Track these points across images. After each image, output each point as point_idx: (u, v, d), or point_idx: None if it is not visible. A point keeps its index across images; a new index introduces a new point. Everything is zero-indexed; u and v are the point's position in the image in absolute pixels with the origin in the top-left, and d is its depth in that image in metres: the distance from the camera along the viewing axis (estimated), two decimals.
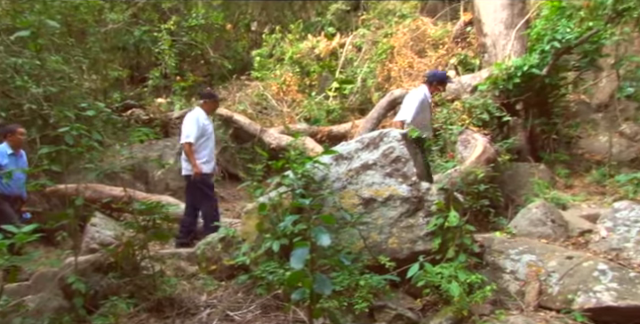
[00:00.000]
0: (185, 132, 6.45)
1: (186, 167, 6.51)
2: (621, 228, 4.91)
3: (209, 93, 7.01)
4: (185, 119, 6.66)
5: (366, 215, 4.72)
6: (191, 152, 6.34)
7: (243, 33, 13.55)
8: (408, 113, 6.26)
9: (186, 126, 6.48)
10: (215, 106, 7.06)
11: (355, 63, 10.58)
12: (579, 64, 8.42)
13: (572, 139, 9.09)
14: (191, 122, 6.46)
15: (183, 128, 6.53)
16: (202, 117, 6.54)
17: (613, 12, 7.55)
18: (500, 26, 8.87)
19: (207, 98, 6.78)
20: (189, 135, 6.38)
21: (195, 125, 6.41)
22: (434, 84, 6.51)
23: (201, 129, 6.45)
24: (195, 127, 6.40)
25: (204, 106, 6.71)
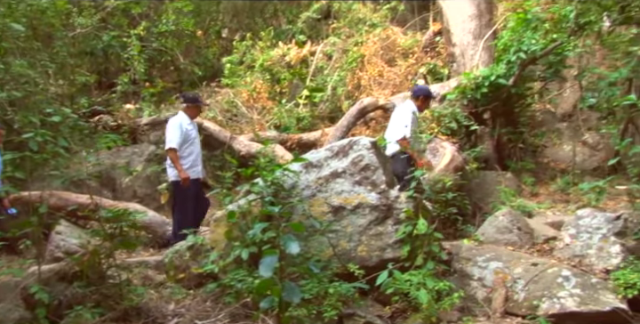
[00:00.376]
0: (168, 138, 6.33)
1: (171, 173, 6.41)
2: (584, 235, 5.03)
3: (192, 97, 6.82)
4: (168, 125, 6.53)
5: (335, 223, 4.74)
6: (176, 158, 6.21)
7: (213, 40, 13.48)
8: (406, 129, 6.25)
9: (169, 132, 6.35)
10: (199, 110, 6.93)
11: (325, 71, 10.60)
12: (544, 75, 8.62)
13: (538, 148, 9.28)
14: (174, 127, 6.33)
15: (166, 134, 6.41)
16: (185, 122, 6.41)
17: (576, 25, 7.76)
18: (469, 36, 9.03)
19: (190, 102, 6.63)
20: (172, 141, 6.26)
21: (178, 131, 6.29)
22: (420, 98, 6.57)
23: (184, 134, 6.34)
24: (178, 133, 6.28)
25: (187, 110, 6.56)
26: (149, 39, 11.59)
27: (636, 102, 6.15)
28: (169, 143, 6.28)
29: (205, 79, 11.81)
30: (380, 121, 8.58)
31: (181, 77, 12.58)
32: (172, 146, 6.24)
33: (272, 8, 13.40)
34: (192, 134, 6.48)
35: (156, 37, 11.72)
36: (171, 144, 6.25)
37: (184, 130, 6.34)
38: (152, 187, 8.62)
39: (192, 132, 6.49)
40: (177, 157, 6.22)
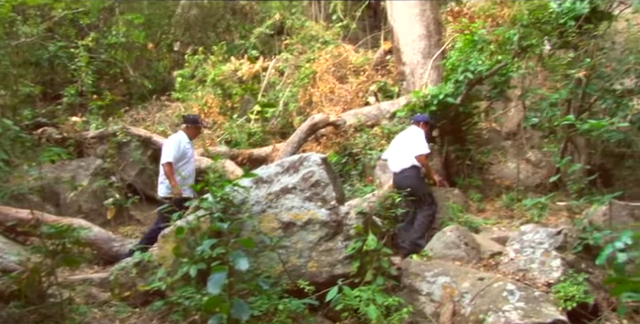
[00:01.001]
0: (165, 152, 6.47)
1: (162, 190, 6.49)
2: (528, 249, 5.17)
3: (193, 119, 7.00)
4: (166, 141, 6.79)
5: (285, 239, 4.72)
6: (172, 172, 6.32)
7: (164, 53, 13.31)
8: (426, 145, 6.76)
9: (167, 147, 6.52)
10: (198, 131, 7.10)
11: (277, 87, 10.63)
12: (490, 94, 8.87)
13: (485, 165, 9.51)
14: (172, 143, 6.52)
15: (164, 149, 6.56)
16: (184, 141, 6.59)
17: (519, 47, 8.06)
18: (418, 55, 9.24)
19: (190, 123, 6.83)
20: (169, 155, 6.38)
21: (175, 147, 6.45)
22: (421, 124, 7.03)
23: (181, 152, 6.48)
24: (175, 149, 6.43)
25: (187, 131, 6.75)
26: (98, 51, 11.35)
27: (574, 122, 6.42)
28: (166, 158, 6.41)
29: (155, 93, 11.63)
30: (330, 137, 8.65)
31: (131, 90, 12.35)
32: (168, 160, 6.37)
33: (225, 23, 13.36)
34: (189, 153, 6.63)
35: (105, 49, 11.49)
36: (168, 158, 6.38)
37: (182, 148, 6.50)
38: (98, 202, 8.41)
39: (189, 151, 6.64)
40: (172, 171, 6.33)
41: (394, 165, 6.95)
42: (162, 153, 6.60)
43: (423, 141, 6.77)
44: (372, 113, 8.83)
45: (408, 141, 6.91)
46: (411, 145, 6.80)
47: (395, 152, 7.04)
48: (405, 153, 6.81)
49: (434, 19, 9.43)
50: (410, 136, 6.95)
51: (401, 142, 7.03)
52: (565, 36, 8.10)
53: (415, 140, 6.81)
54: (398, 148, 7.01)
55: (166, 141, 6.77)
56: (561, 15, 7.78)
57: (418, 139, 6.80)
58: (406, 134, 7.09)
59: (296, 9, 12.73)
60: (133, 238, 7.52)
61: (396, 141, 7.17)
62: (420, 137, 6.81)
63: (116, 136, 9.06)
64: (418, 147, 6.72)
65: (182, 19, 13.53)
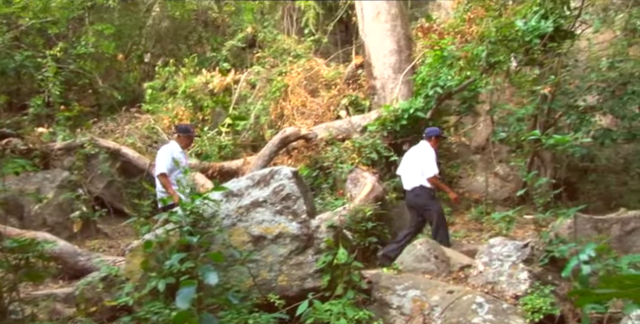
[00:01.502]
0: (159, 163, 6.56)
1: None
2: (496, 262, 5.23)
3: (184, 128, 7.06)
4: (159, 152, 6.83)
5: (256, 253, 4.68)
6: (168, 183, 6.35)
7: (135, 64, 13.17)
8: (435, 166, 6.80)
9: (159, 158, 6.61)
10: (190, 141, 7.17)
11: (248, 100, 10.61)
12: (459, 109, 9.04)
13: (454, 178, 9.65)
14: (164, 154, 6.58)
15: (157, 161, 6.65)
16: (176, 151, 6.62)
17: (487, 63, 8.24)
18: (389, 70, 9.36)
19: (182, 132, 6.89)
20: (162, 167, 6.45)
21: (168, 157, 6.46)
22: (432, 138, 7.03)
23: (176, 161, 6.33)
24: (168, 159, 6.44)
25: (179, 140, 6.83)
26: (66, 61, 11.18)
27: (540, 137, 6.57)
28: (159, 169, 6.48)
29: (125, 104, 11.49)
30: (302, 151, 8.66)
31: (100, 101, 12.18)
32: (162, 171, 6.44)
33: (197, 35, 13.32)
34: (183, 163, 6.54)
35: (73, 59, 11.32)
36: (161, 170, 6.45)
37: (176, 157, 6.45)
38: (64, 215, 8.23)
39: (183, 160, 6.60)
40: (168, 181, 6.36)
41: (405, 182, 7.02)
42: (156, 164, 6.66)
43: (432, 161, 6.81)
44: (344, 127, 8.88)
45: (418, 159, 6.93)
46: (420, 164, 6.84)
47: (406, 169, 7.07)
48: (415, 172, 6.86)
49: (404, 34, 9.59)
50: (420, 154, 6.97)
51: (411, 159, 7.06)
52: (531, 54, 8.31)
53: (425, 159, 6.83)
54: (409, 165, 7.04)
55: (159, 152, 6.81)
56: (527, 33, 7.98)
57: (427, 158, 6.82)
58: (417, 151, 7.09)
59: (268, 22, 12.77)
60: (100, 251, 7.38)
61: (407, 157, 7.20)
62: (430, 156, 6.83)
63: (84, 148, 8.90)
64: (427, 168, 6.76)
65: (153, 30, 13.44)
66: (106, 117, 11.22)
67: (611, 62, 8.41)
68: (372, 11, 9.59)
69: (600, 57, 8.92)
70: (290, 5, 13.50)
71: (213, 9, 12.55)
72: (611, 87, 8.49)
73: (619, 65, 8.36)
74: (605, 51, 9.19)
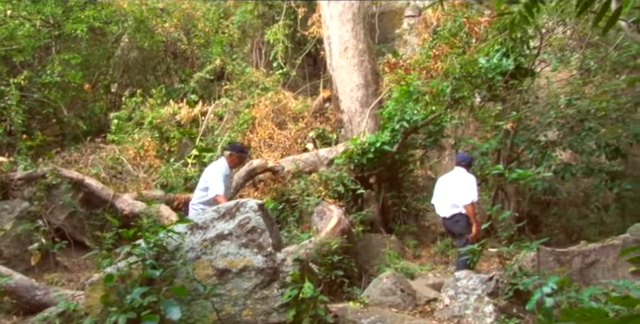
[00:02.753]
0: (213, 184, 6.40)
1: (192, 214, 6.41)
2: (462, 296, 5.26)
3: (239, 147, 6.90)
4: (209, 171, 6.66)
5: (220, 287, 4.59)
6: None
7: (101, 94, 13.03)
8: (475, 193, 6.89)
9: (213, 179, 6.44)
10: (240, 161, 7.03)
11: (216, 132, 10.57)
12: (424, 143, 9.18)
13: (420, 211, 9.72)
14: (218, 174, 6.44)
15: (210, 180, 6.46)
16: (225, 170, 6.54)
17: (452, 99, 8.45)
18: (356, 104, 9.50)
19: (235, 151, 6.71)
20: (219, 188, 6.35)
21: (221, 177, 6.41)
22: (463, 164, 7.18)
23: (226, 183, 6.50)
24: (221, 178, 6.40)
25: (229, 158, 6.67)
26: (31, 89, 11.01)
27: (503, 172, 6.71)
28: (216, 190, 6.35)
29: (90, 134, 11.31)
30: (268, 183, 8.63)
31: (64, 131, 11.97)
32: (218, 193, 6.33)
33: (165, 66, 13.31)
34: (226, 183, 6.58)
35: (38, 88, 11.16)
36: (218, 191, 6.34)
37: (226, 177, 6.51)
38: (22, 247, 7.95)
39: (227, 181, 6.60)
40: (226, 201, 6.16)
41: (442, 210, 7.08)
42: (204, 183, 6.51)
43: (475, 187, 6.90)
44: (310, 159, 8.91)
45: (457, 185, 6.99)
46: (460, 191, 6.90)
47: (443, 197, 7.12)
48: (454, 199, 6.92)
49: (371, 69, 9.79)
50: (459, 180, 7.02)
51: (449, 186, 7.10)
52: (494, 90, 8.56)
53: (466, 185, 6.91)
54: (447, 192, 7.09)
55: (209, 171, 6.61)
56: (489, 70, 8.23)
57: (469, 185, 6.91)
58: (454, 178, 7.14)
59: (237, 55, 12.87)
60: (59, 285, 7.13)
61: (443, 185, 7.25)
62: (472, 182, 6.93)
63: (46, 178, 8.69)
64: (468, 195, 6.83)
65: (121, 60, 13.38)
66: (70, 147, 11.02)
67: (568, 100, 8.72)
68: (340, 46, 9.79)
69: (558, 94, 9.25)
70: (259, 39, 13.68)
71: (183, 41, 12.60)
72: (569, 123, 8.78)
73: (576, 102, 8.67)
74: (563, 89, 9.54)
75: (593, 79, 9.41)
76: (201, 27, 12.71)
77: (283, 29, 12.61)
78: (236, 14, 13.68)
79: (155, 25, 12.17)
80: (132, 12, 11.87)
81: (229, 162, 6.69)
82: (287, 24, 12.82)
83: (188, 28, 12.85)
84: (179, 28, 12.57)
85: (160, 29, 12.17)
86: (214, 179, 6.45)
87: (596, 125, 8.45)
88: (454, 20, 9.81)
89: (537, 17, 3.75)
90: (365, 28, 10.24)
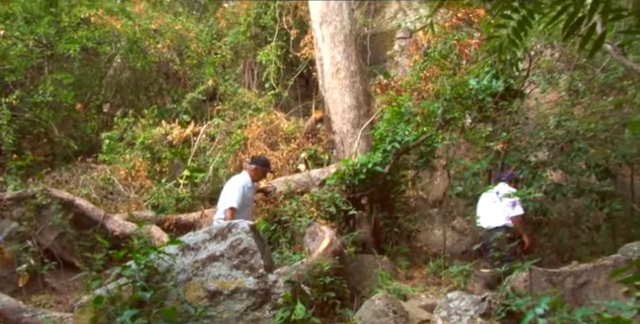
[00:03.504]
0: (229, 197, 6.43)
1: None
2: (454, 317, 5.22)
3: (264, 161, 6.98)
4: (229, 184, 6.76)
5: (211, 309, 4.56)
6: (232, 218, 6.25)
7: (93, 114, 13.01)
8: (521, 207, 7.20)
9: (230, 191, 6.48)
10: (264, 175, 7.05)
11: (207, 152, 10.56)
12: (416, 164, 9.20)
13: (412, 232, 9.70)
14: (235, 188, 6.52)
15: (226, 193, 6.50)
16: (247, 184, 6.57)
17: (443, 120, 8.51)
18: (348, 125, 9.55)
19: (259, 164, 6.80)
20: (233, 201, 6.37)
21: (238, 192, 6.44)
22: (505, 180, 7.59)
23: (243, 196, 6.44)
24: (238, 193, 6.42)
25: (252, 172, 6.76)
26: (22, 109, 10.99)
27: None
28: (230, 202, 6.38)
29: (81, 154, 11.26)
30: (260, 204, 8.60)
31: (55, 151, 11.93)
32: (232, 205, 6.37)
33: (157, 86, 13.35)
34: (249, 196, 6.62)
35: (30, 107, 11.14)
36: (232, 204, 6.38)
37: (244, 191, 6.49)
38: (10, 268, 7.85)
39: (249, 194, 6.63)
40: (234, 218, 6.23)
41: (486, 220, 7.33)
42: (224, 196, 6.50)
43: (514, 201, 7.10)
44: (302, 180, 8.91)
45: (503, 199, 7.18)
46: (505, 204, 7.12)
47: (486, 210, 7.36)
48: (499, 211, 7.15)
49: (363, 90, 9.86)
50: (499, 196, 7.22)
51: (494, 200, 7.31)
52: (484, 111, 8.64)
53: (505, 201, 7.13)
54: (490, 205, 7.34)
55: (230, 184, 6.65)
56: (479, 92, 8.32)
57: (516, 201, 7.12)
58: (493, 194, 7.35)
59: (229, 76, 12.94)
60: (47, 307, 7.03)
61: (488, 199, 7.48)
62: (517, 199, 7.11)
63: (36, 198, 8.63)
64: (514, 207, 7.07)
65: (114, 80, 13.42)
66: (60, 167, 10.96)
67: (558, 121, 8.81)
68: (332, 67, 9.87)
69: (548, 115, 9.34)
70: (251, 60, 13.77)
71: (175, 61, 12.66)
72: (559, 144, 8.86)
73: (565, 123, 8.76)
74: (553, 110, 9.64)
75: (581, 101, 9.53)
76: (194, 47, 12.79)
77: (275, 51, 12.70)
78: (228, 35, 13.79)
79: (147, 45, 12.23)
80: (125, 33, 11.93)
81: (253, 175, 6.79)
82: (279, 45, 12.93)
83: (181, 48, 12.93)
84: (171, 49, 12.64)
85: (153, 50, 12.23)
86: (232, 191, 6.50)
87: (585, 145, 8.53)
88: (445, 42, 9.94)
89: (525, 40, 3.83)
90: (357, 49, 10.35)
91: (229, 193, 6.52)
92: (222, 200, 6.73)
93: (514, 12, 3.17)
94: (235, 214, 6.39)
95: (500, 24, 3.32)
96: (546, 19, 3.16)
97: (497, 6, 3.14)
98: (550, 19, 3.07)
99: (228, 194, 6.55)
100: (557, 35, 8.64)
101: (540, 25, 3.59)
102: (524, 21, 3.22)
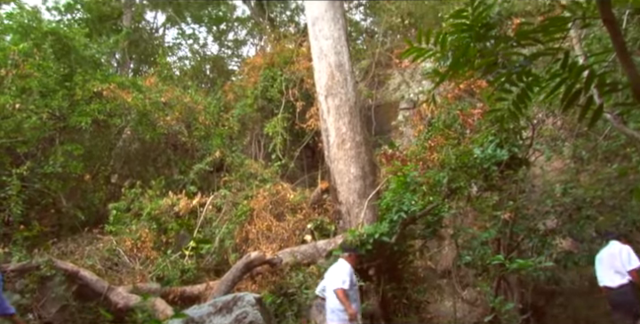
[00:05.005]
0: (339, 279, 6.61)
1: (337, 317, 6.53)
2: None
3: (355, 247, 7.41)
4: (334, 269, 6.95)
5: None
6: (345, 297, 6.45)
7: (101, 184, 13.13)
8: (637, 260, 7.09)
9: (340, 274, 6.68)
10: (358, 259, 7.39)
11: (214, 223, 10.55)
12: (423, 233, 9.13)
13: (421, 303, 9.46)
14: (346, 271, 6.74)
15: (335, 276, 6.70)
16: (350, 268, 6.81)
17: (449, 189, 8.52)
18: (354, 195, 9.56)
19: (352, 251, 7.15)
20: (345, 281, 6.55)
21: (348, 274, 6.66)
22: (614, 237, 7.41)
23: (353, 280, 6.67)
24: (348, 276, 6.63)
25: (349, 259, 6.98)
26: (32, 179, 11.11)
27: (504, 262, 6.63)
28: (341, 283, 6.56)
29: (88, 225, 11.26)
30: (266, 276, 8.48)
31: (62, 221, 11.92)
32: (343, 286, 6.53)
33: (165, 157, 13.54)
34: (354, 281, 6.80)
35: (39, 178, 11.26)
36: (343, 285, 6.55)
37: (352, 276, 6.71)
38: None
39: (354, 279, 6.83)
40: (347, 297, 6.49)
41: (607, 279, 7.20)
42: (332, 280, 6.69)
43: (633, 254, 7.04)
44: (309, 252, 8.83)
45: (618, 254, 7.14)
46: (623, 258, 7.05)
47: (606, 267, 7.26)
48: (620, 266, 7.05)
49: (369, 161, 9.95)
50: (618, 250, 7.18)
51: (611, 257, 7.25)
52: (490, 180, 8.65)
53: (626, 253, 7.08)
54: (609, 262, 7.24)
55: (336, 269, 6.88)
56: (484, 161, 8.38)
57: (627, 252, 7.08)
58: (614, 249, 7.29)
59: (236, 147, 13.15)
60: None
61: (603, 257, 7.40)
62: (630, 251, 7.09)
63: (40, 269, 8.55)
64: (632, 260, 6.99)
65: (123, 151, 13.64)
66: (67, 238, 10.94)
67: (564, 188, 8.80)
68: (338, 138, 10.03)
69: (554, 183, 9.35)
70: (258, 131, 14.06)
71: (183, 133, 12.92)
72: (567, 211, 8.79)
73: (571, 191, 8.75)
74: (558, 177, 9.66)
75: (586, 168, 9.56)
76: (201, 120, 13.08)
77: (281, 122, 12.98)
78: (236, 108, 14.16)
79: (157, 118, 12.53)
80: (136, 106, 12.26)
81: (350, 262, 7.02)
82: (286, 117, 13.22)
83: (189, 120, 13.23)
84: (180, 121, 12.94)
85: (162, 122, 12.51)
86: (340, 275, 6.71)
87: (593, 212, 8.48)
88: (448, 112, 10.14)
89: (525, 112, 3.91)
90: (362, 120, 10.55)
91: (339, 276, 6.76)
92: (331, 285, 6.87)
93: (513, 86, 3.26)
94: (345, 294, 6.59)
95: (500, 97, 3.41)
96: (546, 89, 3.25)
97: (497, 80, 3.24)
98: (550, 90, 3.16)
99: (336, 278, 6.78)
100: (558, 104, 8.81)
101: (541, 95, 3.68)
102: (524, 94, 3.31)
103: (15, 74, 11.08)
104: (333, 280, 6.76)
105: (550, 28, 2.86)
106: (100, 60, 14.24)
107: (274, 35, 16.45)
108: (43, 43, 11.90)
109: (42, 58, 11.63)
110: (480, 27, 3.08)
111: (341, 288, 6.59)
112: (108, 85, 12.19)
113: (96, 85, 12.17)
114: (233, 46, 23.30)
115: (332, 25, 10.66)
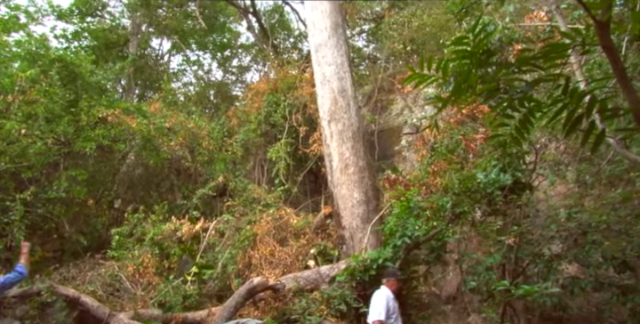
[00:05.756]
0: (375, 310, 6.64)
1: None
2: None
3: (394, 272, 7.31)
4: (374, 298, 6.91)
5: None
6: None
7: (104, 209, 13.16)
8: None
9: (375, 305, 6.72)
10: (399, 285, 7.32)
11: (217, 248, 10.50)
12: (427, 259, 9.06)
13: None
14: (381, 300, 6.74)
15: (373, 307, 6.72)
16: (390, 297, 6.80)
17: (452, 214, 8.49)
18: (358, 220, 9.53)
19: (392, 277, 7.14)
20: (381, 313, 6.56)
21: (385, 304, 6.64)
22: None
23: (391, 309, 6.66)
24: (385, 306, 6.62)
25: (389, 285, 7.00)
26: (35, 204, 11.12)
27: (509, 287, 6.56)
28: (378, 315, 6.59)
29: (90, 250, 11.23)
30: (269, 302, 8.39)
31: (64, 246, 11.90)
32: (380, 318, 6.55)
33: (169, 183, 13.57)
34: (394, 309, 6.80)
35: (43, 203, 11.27)
36: (379, 316, 6.58)
37: (390, 305, 6.71)
38: None
39: (394, 306, 6.81)
40: None
41: None
42: (370, 311, 6.70)
43: None
44: (312, 277, 8.76)
45: None
46: None
47: None
48: None
49: (372, 186, 9.95)
50: None
51: None
52: (494, 205, 8.63)
53: None
54: None
55: (375, 298, 6.88)
56: (488, 185, 8.37)
57: None
58: None
59: (239, 172, 13.19)
60: None
61: None
62: None
63: (41, 295, 8.49)
64: None
65: (126, 177, 13.68)
66: (69, 263, 10.89)
67: (568, 213, 8.74)
68: (341, 163, 10.05)
69: (558, 208, 9.30)
70: (261, 156, 14.11)
71: (187, 158, 12.97)
72: (572, 236, 8.72)
73: (576, 216, 8.69)
74: (563, 202, 9.62)
75: (590, 192, 9.53)
76: (205, 145, 13.15)
77: (285, 147, 13.04)
78: (239, 133, 14.24)
79: (161, 143, 12.60)
80: (140, 131, 12.34)
81: (390, 287, 7.03)
82: (289, 142, 13.28)
83: (193, 146, 13.30)
84: (184, 146, 13.00)
85: (166, 147, 12.58)
86: (376, 306, 6.71)
87: (599, 237, 8.40)
88: (451, 136, 10.17)
89: (527, 137, 3.93)
90: (365, 145, 10.59)
91: (375, 307, 6.76)
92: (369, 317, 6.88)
93: (515, 111, 3.29)
94: None
95: (502, 122, 3.43)
96: (548, 114, 3.27)
97: (499, 105, 3.27)
98: (552, 115, 3.18)
99: (373, 309, 6.77)
100: (560, 129, 8.83)
101: (543, 120, 3.71)
102: (526, 119, 3.33)
103: (22, 100, 11.20)
104: (371, 312, 6.78)
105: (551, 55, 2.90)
106: (106, 87, 14.41)
107: (277, 61, 16.66)
108: (50, 69, 12.07)
109: (48, 84, 11.77)
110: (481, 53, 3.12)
111: (378, 321, 6.61)
112: (113, 111, 12.31)
113: (101, 110, 12.28)
114: (237, 72, 23.60)
115: (334, 51, 10.79)
